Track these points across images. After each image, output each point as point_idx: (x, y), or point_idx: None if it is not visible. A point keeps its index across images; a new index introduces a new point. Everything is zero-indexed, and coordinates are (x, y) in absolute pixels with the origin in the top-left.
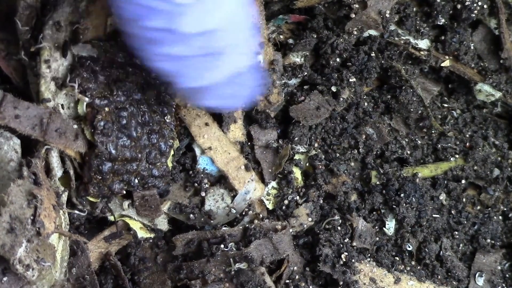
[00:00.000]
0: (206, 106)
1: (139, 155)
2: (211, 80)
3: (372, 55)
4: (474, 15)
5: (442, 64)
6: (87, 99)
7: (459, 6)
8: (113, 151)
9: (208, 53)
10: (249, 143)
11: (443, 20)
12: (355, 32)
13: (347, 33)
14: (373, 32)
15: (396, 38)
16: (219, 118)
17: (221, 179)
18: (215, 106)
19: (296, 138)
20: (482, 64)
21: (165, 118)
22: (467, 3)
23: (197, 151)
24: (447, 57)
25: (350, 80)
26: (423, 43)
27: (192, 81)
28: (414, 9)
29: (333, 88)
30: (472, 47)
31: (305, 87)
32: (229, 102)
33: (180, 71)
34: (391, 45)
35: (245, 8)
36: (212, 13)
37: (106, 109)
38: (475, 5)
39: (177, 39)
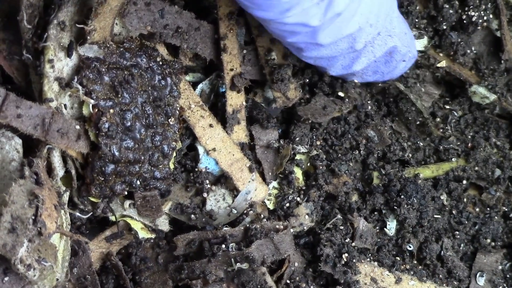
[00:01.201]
0: (366, 81)
1: (142, 157)
2: (360, 67)
3: None
4: (479, 28)
5: (438, 65)
6: (92, 101)
7: (465, 19)
8: (117, 153)
9: (354, 49)
10: (251, 143)
11: (445, 27)
12: None
13: None
14: None
15: None
16: (223, 119)
17: (221, 179)
18: (373, 80)
19: (297, 138)
20: (479, 65)
21: (169, 120)
22: (474, 19)
23: (200, 150)
24: (442, 55)
25: (355, 87)
26: (420, 43)
27: (342, 70)
28: (417, 7)
29: (340, 94)
30: (469, 49)
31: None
32: (387, 76)
33: (330, 65)
34: None
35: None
36: (346, 23)
37: (111, 110)
38: (480, 20)
39: (320, 47)
